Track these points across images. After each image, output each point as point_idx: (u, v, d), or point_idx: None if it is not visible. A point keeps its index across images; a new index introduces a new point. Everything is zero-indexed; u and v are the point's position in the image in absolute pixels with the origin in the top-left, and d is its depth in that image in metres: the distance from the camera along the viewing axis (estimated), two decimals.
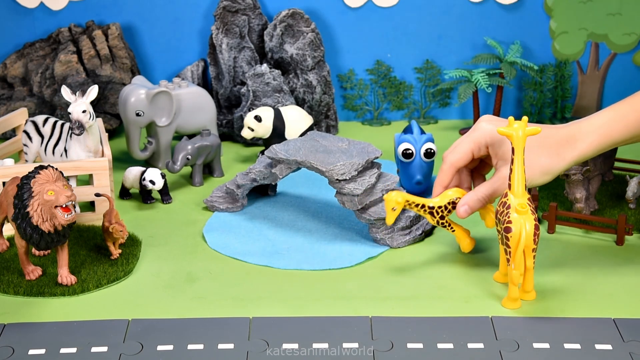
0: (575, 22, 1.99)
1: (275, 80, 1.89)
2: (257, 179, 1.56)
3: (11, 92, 1.99)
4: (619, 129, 1.33)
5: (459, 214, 1.37)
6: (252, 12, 1.97)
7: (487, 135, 1.35)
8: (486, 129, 1.36)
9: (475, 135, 1.36)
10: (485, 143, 1.36)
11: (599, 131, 1.33)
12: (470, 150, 1.37)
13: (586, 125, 1.34)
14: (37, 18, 2.01)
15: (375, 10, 2.01)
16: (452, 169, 1.38)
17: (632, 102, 1.35)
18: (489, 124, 1.36)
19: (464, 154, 1.37)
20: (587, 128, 1.33)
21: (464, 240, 1.42)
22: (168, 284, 1.37)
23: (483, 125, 1.36)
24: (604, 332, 1.22)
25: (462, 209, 1.36)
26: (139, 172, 1.64)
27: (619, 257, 1.43)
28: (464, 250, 1.43)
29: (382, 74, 2.05)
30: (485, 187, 1.36)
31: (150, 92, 1.75)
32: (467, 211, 1.36)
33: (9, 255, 1.44)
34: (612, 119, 1.33)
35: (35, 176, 1.31)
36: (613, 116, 1.34)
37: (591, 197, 1.54)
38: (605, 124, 1.33)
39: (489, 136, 1.35)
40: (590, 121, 1.34)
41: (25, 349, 1.20)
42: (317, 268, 1.41)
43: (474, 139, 1.36)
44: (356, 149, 1.50)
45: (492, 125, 1.36)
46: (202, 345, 1.20)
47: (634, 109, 1.34)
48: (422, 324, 1.24)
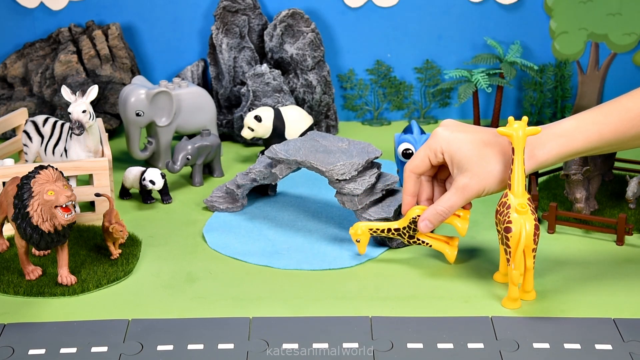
0: (575, 22, 1.99)
1: (275, 80, 1.89)
2: (257, 179, 1.56)
3: (11, 92, 1.99)
4: (580, 140, 1.29)
5: (420, 230, 1.36)
6: (252, 12, 1.97)
7: (443, 142, 1.31)
8: (442, 136, 1.31)
9: (431, 142, 1.33)
10: (441, 150, 1.32)
11: (559, 140, 1.29)
12: (426, 156, 1.34)
13: (546, 133, 1.29)
14: (37, 18, 2.01)
15: (375, 10, 2.01)
16: (411, 176, 1.36)
17: (595, 113, 1.30)
18: (445, 129, 1.32)
19: (421, 161, 1.34)
20: (547, 137, 1.29)
21: (444, 252, 1.41)
22: (168, 284, 1.37)
23: (439, 132, 1.32)
24: (604, 332, 1.22)
25: (423, 224, 1.35)
26: (139, 172, 1.64)
27: (619, 257, 1.43)
28: (449, 261, 1.41)
29: (382, 74, 2.05)
30: (444, 200, 1.33)
31: (150, 92, 1.75)
32: (427, 226, 1.35)
33: (9, 255, 1.44)
34: (574, 128, 1.29)
35: (35, 176, 1.31)
36: (575, 125, 1.29)
37: (591, 197, 1.54)
38: (565, 132, 1.29)
39: (445, 143, 1.31)
40: (552, 129, 1.30)
41: (25, 349, 1.20)
42: (317, 268, 1.41)
43: (430, 145, 1.33)
44: (356, 149, 1.50)
45: (448, 131, 1.32)
46: (202, 345, 1.20)
47: (596, 121, 1.29)
48: (422, 324, 1.24)
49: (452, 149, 1.30)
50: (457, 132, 1.31)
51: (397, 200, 1.48)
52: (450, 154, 1.31)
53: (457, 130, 1.31)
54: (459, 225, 1.37)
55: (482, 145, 1.30)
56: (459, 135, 1.30)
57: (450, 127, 1.33)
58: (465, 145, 1.29)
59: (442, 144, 1.31)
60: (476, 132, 1.32)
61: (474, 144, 1.29)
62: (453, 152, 1.30)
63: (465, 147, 1.29)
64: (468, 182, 1.29)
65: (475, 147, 1.29)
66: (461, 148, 1.30)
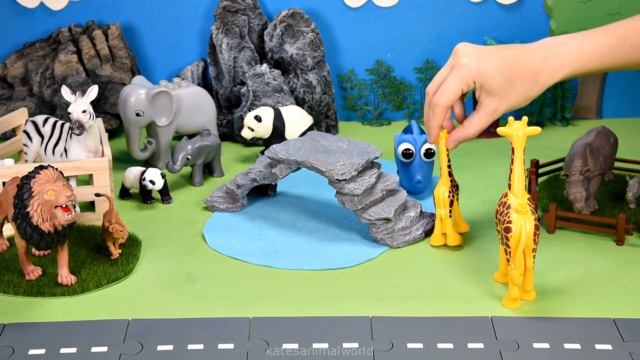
0: (575, 22, 1.99)
1: (275, 80, 1.89)
2: (257, 179, 1.56)
3: (11, 92, 1.99)
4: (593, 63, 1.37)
5: (449, 147, 1.42)
6: (252, 12, 1.97)
7: (475, 73, 1.37)
8: (472, 67, 1.37)
9: (463, 74, 1.37)
10: (473, 80, 1.37)
11: (575, 62, 1.37)
12: (460, 89, 1.38)
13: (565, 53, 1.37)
14: (37, 18, 2.02)
15: (375, 10, 2.02)
16: (444, 111, 1.40)
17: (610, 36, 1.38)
18: (472, 59, 1.37)
19: (455, 95, 1.38)
20: (564, 58, 1.37)
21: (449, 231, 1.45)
22: (168, 284, 1.37)
23: (466, 62, 1.37)
24: (604, 332, 1.22)
25: (452, 145, 1.42)
26: (139, 172, 1.64)
27: (619, 257, 1.43)
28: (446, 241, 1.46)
29: (382, 74, 2.05)
30: (474, 123, 1.39)
31: (150, 92, 1.75)
32: (455, 145, 1.43)
33: (9, 255, 1.44)
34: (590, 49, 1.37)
35: (35, 176, 1.31)
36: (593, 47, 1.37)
37: (591, 197, 1.54)
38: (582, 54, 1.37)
39: (476, 74, 1.37)
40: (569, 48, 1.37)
41: (25, 349, 1.20)
42: (317, 268, 1.41)
43: (463, 78, 1.37)
44: (356, 149, 1.50)
45: (476, 61, 1.37)
46: (202, 345, 1.20)
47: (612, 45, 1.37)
48: (422, 324, 1.24)
49: (482, 79, 1.36)
50: (484, 60, 1.37)
51: (397, 200, 1.48)
52: (481, 83, 1.37)
53: (483, 57, 1.37)
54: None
55: (508, 70, 1.36)
56: (488, 64, 1.36)
57: (476, 56, 1.38)
58: (495, 73, 1.36)
59: (473, 75, 1.37)
60: (500, 55, 1.38)
61: (502, 71, 1.36)
62: (483, 81, 1.37)
63: (495, 76, 1.36)
64: (497, 107, 1.37)
65: (503, 73, 1.36)
66: (490, 78, 1.36)
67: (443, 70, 1.39)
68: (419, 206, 1.51)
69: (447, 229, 1.45)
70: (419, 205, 1.51)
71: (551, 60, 1.37)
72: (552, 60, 1.37)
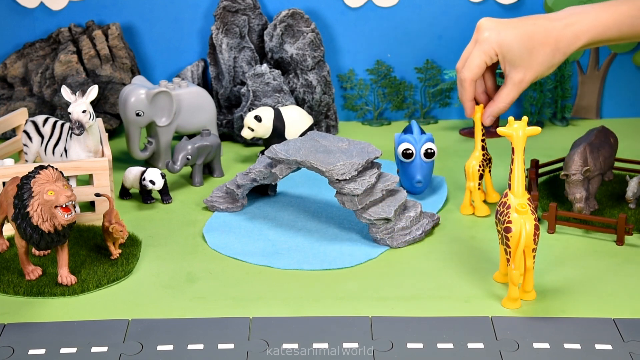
0: None
1: (275, 80, 1.89)
2: (257, 179, 1.56)
3: (11, 92, 1.99)
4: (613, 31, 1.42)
5: (486, 124, 1.50)
6: (252, 12, 1.97)
7: (496, 45, 1.42)
8: (493, 39, 1.42)
9: (485, 47, 1.43)
10: (495, 52, 1.43)
11: (595, 30, 1.41)
12: (483, 62, 1.44)
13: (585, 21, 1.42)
14: (37, 18, 2.01)
15: (375, 10, 2.01)
16: (472, 84, 1.46)
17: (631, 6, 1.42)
18: (492, 32, 1.42)
19: (479, 68, 1.45)
20: (584, 26, 1.42)
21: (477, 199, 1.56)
22: (168, 284, 1.37)
23: (487, 36, 1.43)
24: (604, 332, 1.22)
25: (488, 120, 1.49)
26: (139, 172, 1.64)
27: (619, 257, 1.43)
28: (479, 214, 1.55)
29: (382, 74, 2.05)
30: (504, 96, 1.46)
31: (150, 92, 1.75)
32: (492, 120, 1.49)
33: (9, 255, 1.44)
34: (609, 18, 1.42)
35: (35, 176, 1.31)
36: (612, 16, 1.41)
37: (591, 197, 1.54)
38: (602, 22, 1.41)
39: (497, 45, 1.42)
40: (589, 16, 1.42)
41: (25, 349, 1.20)
42: (317, 268, 1.41)
43: (485, 51, 1.43)
44: (356, 149, 1.50)
45: (495, 32, 1.42)
46: (202, 345, 1.20)
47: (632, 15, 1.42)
48: (422, 324, 1.24)
49: (504, 50, 1.42)
50: (504, 31, 1.42)
51: (397, 200, 1.48)
52: (503, 54, 1.43)
53: (503, 29, 1.43)
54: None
55: (529, 39, 1.42)
56: (508, 35, 1.42)
57: (496, 28, 1.43)
58: (516, 44, 1.41)
59: (494, 47, 1.43)
60: (520, 26, 1.43)
61: (522, 41, 1.41)
62: (505, 52, 1.42)
63: (516, 46, 1.41)
64: (523, 77, 1.44)
65: (524, 42, 1.41)
66: (512, 48, 1.42)
67: (469, 46, 1.46)
68: (419, 206, 1.51)
69: (475, 201, 1.54)
70: (419, 205, 1.52)
71: (571, 27, 1.41)
72: (572, 28, 1.41)
